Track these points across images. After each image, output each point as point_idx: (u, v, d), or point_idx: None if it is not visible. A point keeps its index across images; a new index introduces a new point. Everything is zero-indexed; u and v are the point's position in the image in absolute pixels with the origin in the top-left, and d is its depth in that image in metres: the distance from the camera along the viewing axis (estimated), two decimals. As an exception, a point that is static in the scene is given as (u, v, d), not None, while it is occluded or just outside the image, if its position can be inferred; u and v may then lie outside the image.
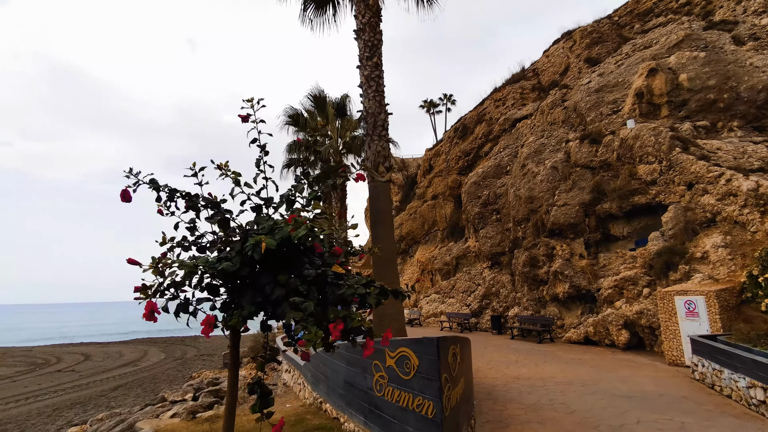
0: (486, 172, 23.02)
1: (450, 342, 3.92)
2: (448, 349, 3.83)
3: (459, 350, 4.26)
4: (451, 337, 4.07)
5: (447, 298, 22.45)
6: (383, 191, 7.79)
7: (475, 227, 22.05)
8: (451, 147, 30.97)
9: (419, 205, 32.21)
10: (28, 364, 18.77)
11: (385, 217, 7.75)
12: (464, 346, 4.74)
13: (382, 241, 7.70)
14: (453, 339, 4.07)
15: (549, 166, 17.21)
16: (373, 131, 7.94)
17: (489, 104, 28.49)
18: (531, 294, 16.44)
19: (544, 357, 11.23)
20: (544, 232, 16.33)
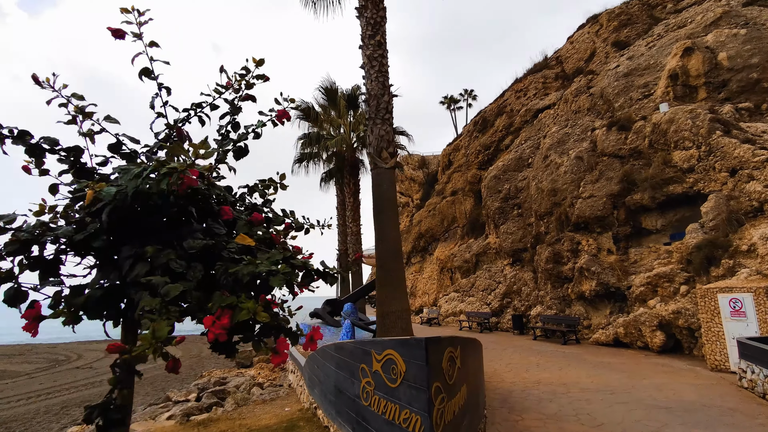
0: (506, 165, 22.04)
1: (445, 344, 3.27)
2: (443, 352, 3.18)
3: (459, 353, 3.60)
4: (447, 338, 3.41)
5: (466, 296, 21.60)
6: (387, 178, 7.18)
7: (496, 223, 21.11)
8: (470, 141, 30.00)
9: (438, 201, 31.37)
10: (50, 360, 19.09)
11: (389, 205, 7.13)
12: (468, 347, 4.07)
13: (386, 231, 7.08)
14: (450, 340, 3.42)
15: (573, 157, 16.16)
16: (376, 114, 7.33)
17: (509, 96, 27.39)
18: (555, 292, 15.46)
19: (569, 360, 10.35)
20: (568, 226, 15.32)
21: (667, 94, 14.62)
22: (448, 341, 3.32)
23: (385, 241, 7.11)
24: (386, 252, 7.07)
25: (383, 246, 7.12)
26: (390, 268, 7.02)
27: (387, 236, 7.11)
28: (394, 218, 7.22)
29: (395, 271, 7.03)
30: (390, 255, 7.06)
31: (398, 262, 7.11)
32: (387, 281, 6.98)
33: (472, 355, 4.37)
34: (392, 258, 7.05)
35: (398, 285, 6.97)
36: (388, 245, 7.10)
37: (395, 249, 7.14)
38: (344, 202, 17.40)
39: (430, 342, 2.90)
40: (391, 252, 7.08)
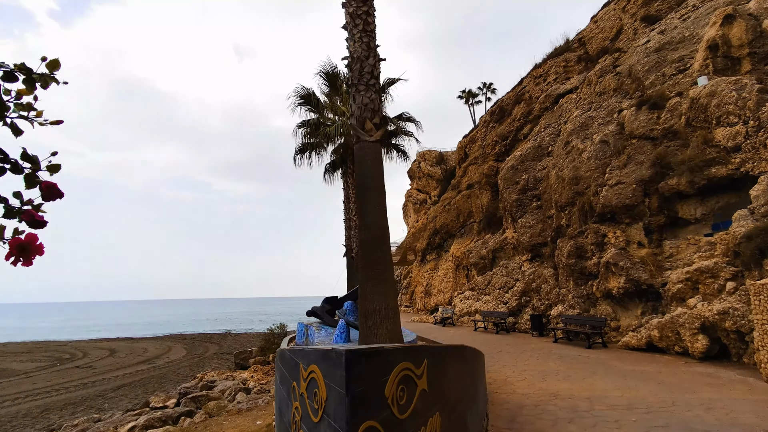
0: (524, 155, 20.57)
1: (394, 356, 2.17)
2: (387, 371, 2.08)
3: (426, 370, 2.48)
4: (404, 348, 2.31)
5: (482, 295, 20.27)
6: (371, 153, 6.10)
7: (513, 216, 19.70)
8: (487, 132, 28.53)
9: (453, 195, 30.00)
10: (54, 359, 18.83)
11: (374, 183, 6.05)
12: (447, 359, 2.95)
13: (370, 214, 6.00)
14: (405, 350, 2.31)
15: (598, 141, 14.65)
16: (359, 80, 6.26)
17: (528, 82, 25.81)
18: (578, 290, 14.02)
19: (594, 367, 9.00)
20: (592, 217, 13.85)
21: (705, 67, 12.98)
22: (399, 352, 2.21)
23: (369, 226, 6.04)
24: (370, 239, 5.99)
25: (367, 232, 6.04)
26: (374, 259, 5.94)
27: (371, 220, 6.02)
28: (380, 199, 6.14)
29: (380, 261, 5.94)
30: (374, 242, 5.98)
31: (384, 252, 6.02)
32: (370, 274, 5.91)
33: (456, 369, 3.23)
34: (377, 246, 5.97)
35: (384, 279, 5.89)
36: (373, 231, 6.01)
37: (381, 236, 6.05)
38: (349, 195, 16.38)
39: (354, 355, 1.80)
40: (376, 239, 6.00)
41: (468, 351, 3.72)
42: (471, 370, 3.79)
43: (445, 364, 2.88)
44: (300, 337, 12.13)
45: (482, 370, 4.70)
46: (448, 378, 2.94)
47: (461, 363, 3.40)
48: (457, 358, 3.25)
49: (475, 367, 4.07)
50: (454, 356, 3.22)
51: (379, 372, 2.00)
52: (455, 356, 3.23)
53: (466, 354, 3.65)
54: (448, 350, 3.04)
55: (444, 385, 2.87)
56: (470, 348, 3.87)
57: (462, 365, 3.45)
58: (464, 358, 3.51)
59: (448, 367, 2.98)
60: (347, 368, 1.78)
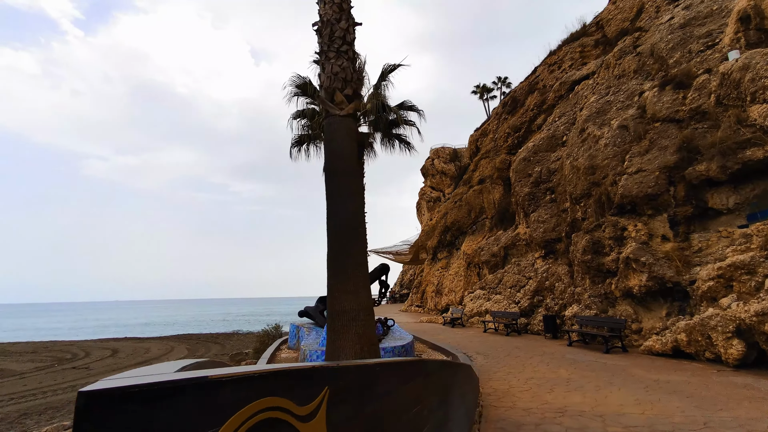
0: (537, 145, 19.40)
1: (244, 388, 1.30)
2: (222, 419, 1.21)
3: (327, 404, 1.63)
4: (265, 373, 1.45)
5: (493, 294, 19.20)
6: (341, 129, 5.27)
7: (526, 211, 18.57)
8: (499, 124, 27.35)
9: (465, 191, 28.88)
10: (55, 358, 18.63)
11: (345, 165, 5.23)
12: (386, 381, 2.09)
13: (339, 201, 5.17)
14: (274, 376, 1.46)
15: (616, 126, 13.46)
16: (329, 46, 5.44)
17: (542, 71, 24.53)
18: (594, 288, 12.87)
19: (612, 375, 7.95)
20: (610, 209, 12.69)
21: (736, 41, 11.67)
22: (250, 383, 1.35)
23: (338, 213, 5.21)
24: (339, 228, 5.16)
25: (335, 220, 5.21)
26: (343, 251, 5.10)
27: (340, 208, 5.19)
28: (352, 184, 5.30)
29: (350, 254, 5.10)
30: (343, 233, 5.15)
31: (355, 243, 5.18)
32: (338, 269, 5.09)
33: (405, 394, 2.36)
34: (346, 237, 5.13)
35: (354, 274, 5.06)
36: (342, 219, 5.18)
37: (351, 225, 5.21)
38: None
39: (97, 399, 0.95)
40: (346, 229, 5.17)
41: (431, 365, 2.83)
42: (437, 390, 2.91)
43: (373, 391, 2.00)
44: (292, 339, 11.40)
45: (463, 385, 3.80)
46: (380, 410, 2.07)
47: (415, 384, 2.51)
48: (405, 378, 2.37)
49: (447, 384, 3.19)
50: (401, 375, 2.34)
51: (190, 424, 1.15)
52: (403, 375, 2.35)
53: (428, 369, 2.76)
54: (386, 368, 2.17)
55: (373, 423, 2.00)
56: (435, 362, 2.99)
57: (419, 386, 2.56)
58: (422, 374, 2.63)
59: (383, 394, 2.10)
60: (76, 425, 0.94)
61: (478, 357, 10.64)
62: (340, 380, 1.73)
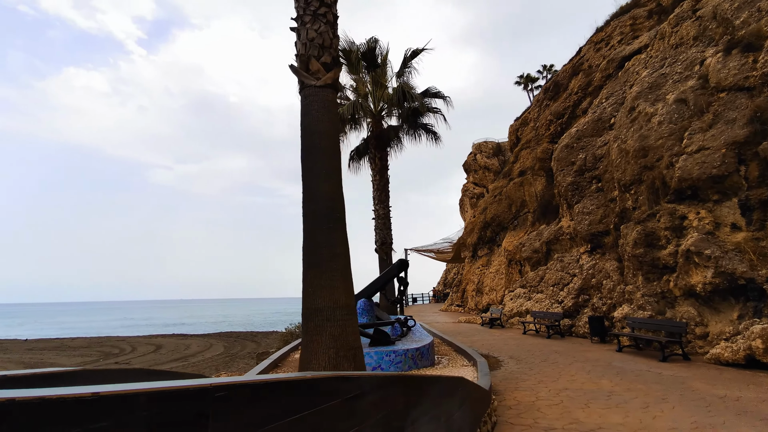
0: (582, 131, 17.71)
1: None
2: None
3: None
4: None
5: (534, 292, 17.77)
6: (318, 101, 4.59)
7: (569, 202, 16.99)
8: (540, 111, 25.54)
9: (504, 184, 27.28)
10: (103, 354, 19.58)
11: (322, 141, 4.53)
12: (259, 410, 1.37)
13: (315, 184, 4.49)
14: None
15: (673, 101, 11.77)
16: (305, 9, 4.77)
17: (587, 50, 22.54)
18: (649, 286, 11.30)
19: (666, 389, 6.67)
20: (666, 195, 11.08)
21: (825, -12, 9.70)
22: None
23: (314, 197, 4.53)
24: (315, 215, 4.48)
25: (310, 205, 4.53)
26: (317, 240, 4.42)
27: (317, 191, 4.51)
28: (330, 164, 4.60)
29: (325, 243, 4.40)
30: (320, 220, 4.46)
31: (331, 231, 4.46)
32: (313, 260, 4.41)
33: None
34: (323, 224, 4.44)
35: (330, 266, 4.36)
36: (318, 204, 4.50)
37: (329, 211, 4.50)
38: (373, 181, 14.91)
39: None
40: (322, 215, 4.47)
41: (368, 382, 2.07)
42: (380, 415, 2.14)
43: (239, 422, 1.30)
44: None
45: (443, 404, 2.98)
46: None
47: (328, 409, 1.77)
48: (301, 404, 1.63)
49: (403, 404, 2.40)
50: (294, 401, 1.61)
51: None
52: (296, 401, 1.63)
53: (356, 388, 2.00)
54: (263, 390, 1.46)
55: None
56: (377, 378, 2.22)
57: (335, 412, 1.82)
58: (338, 396, 1.87)
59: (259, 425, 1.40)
60: None
61: (509, 362, 9.58)
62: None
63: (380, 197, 14.24)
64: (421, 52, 13.92)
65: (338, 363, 4.08)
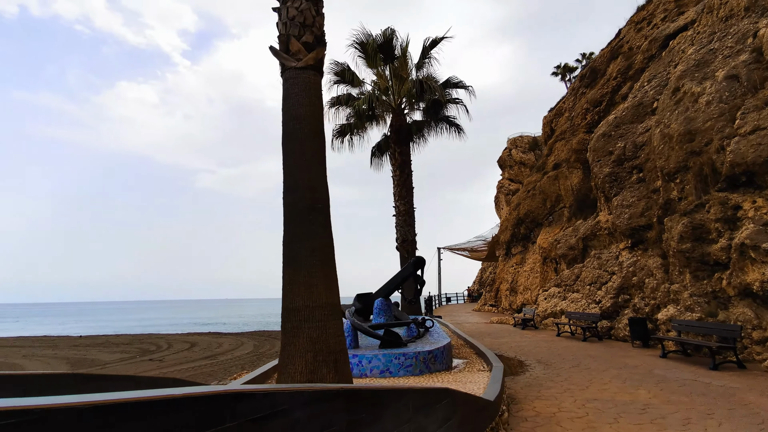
0: (620, 117, 16.43)
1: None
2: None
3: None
4: None
5: (569, 292, 16.69)
6: (300, 84, 4.22)
7: (607, 195, 15.80)
8: (576, 100, 24.10)
9: (538, 178, 25.98)
10: (141, 350, 20.36)
11: (303, 127, 4.16)
12: None
13: (296, 173, 4.13)
14: None
15: (723, 78, 10.55)
16: (287, -14, 4.44)
17: (627, 31, 21.00)
18: (697, 285, 10.17)
19: (713, 402, 5.82)
20: (716, 183, 9.92)
21: None
22: None
23: (294, 186, 4.17)
24: (294, 206, 4.12)
25: (290, 195, 4.17)
26: (297, 233, 4.05)
27: (297, 180, 4.14)
28: (311, 151, 4.22)
29: (305, 236, 4.03)
30: (299, 211, 4.09)
31: (311, 223, 4.07)
32: (291, 255, 4.05)
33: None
34: (302, 215, 4.06)
35: (309, 262, 3.98)
36: (298, 194, 4.13)
37: (309, 202, 4.12)
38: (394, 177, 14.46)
39: None
40: (302, 207, 4.10)
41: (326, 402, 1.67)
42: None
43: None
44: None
45: (423, 423, 2.52)
46: None
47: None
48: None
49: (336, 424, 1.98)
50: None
51: None
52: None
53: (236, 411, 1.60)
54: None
55: None
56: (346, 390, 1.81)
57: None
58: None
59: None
60: None
61: (536, 367, 8.86)
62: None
63: (401, 193, 13.76)
64: (440, 41, 13.32)
65: (316, 368, 3.71)
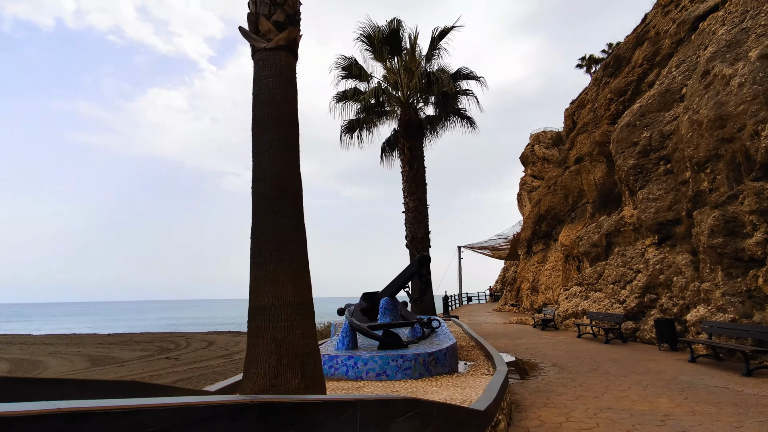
0: (646, 106, 15.48)
1: None
2: None
3: None
4: None
5: (591, 291, 15.87)
6: (270, 66, 3.90)
7: (631, 188, 14.92)
8: (599, 91, 23.00)
9: (560, 173, 24.99)
10: (160, 348, 20.70)
11: (273, 112, 3.83)
12: None
13: (265, 161, 3.81)
14: None
15: (756, 57, 9.67)
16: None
17: (654, 15, 19.85)
18: (731, 284, 9.33)
19: (743, 413, 5.20)
20: (750, 171, 9.08)
21: None
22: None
23: (262, 176, 3.85)
24: (262, 197, 3.80)
25: (258, 186, 3.86)
26: (264, 226, 3.73)
27: (265, 169, 3.82)
28: (282, 137, 3.88)
29: (272, 230, 3.70)
30: (267, 203, 3.77)
31: (279, 216, 3.73)
32: (256, 247, 3.74)
33: None
34: (269, 205, 3.74)
35: (274, 256, 3.65)
36: (265, 185, 3.80)
37: (277, 192, 3.78)
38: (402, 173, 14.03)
39: None
40: (269, 197, 3.77)
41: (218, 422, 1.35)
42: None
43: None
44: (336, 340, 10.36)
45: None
46: None
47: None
48: None
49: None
50: None
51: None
52: None
53: None
54: None
55: None
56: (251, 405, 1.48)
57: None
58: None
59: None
60: None
61: (550, 370, 8.31)
62: None
63: (410, 189, 13.31)
64: (449, 31, 12.81)
65: (280, 373, 3.38)
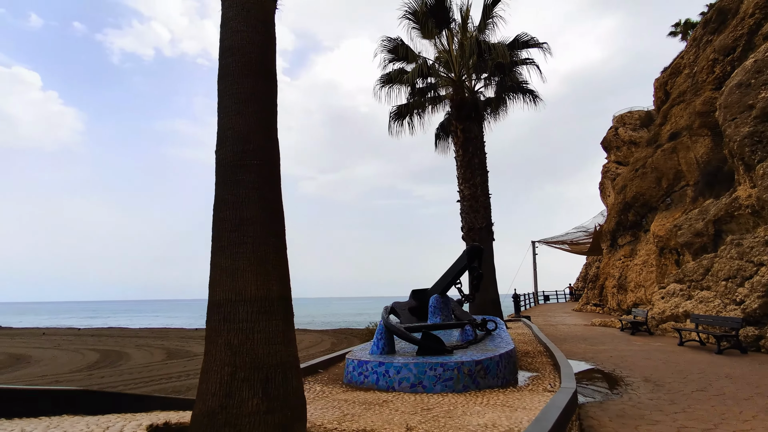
0: (763, 60, 12.57)
1: None
2: None
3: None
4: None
5: (696, 289, 13.21)
6: (237, 7, 3.08)
7: (747, 162, 12.12)
8: (698, 52, 19.45)
9: (650, 153, 21.59)
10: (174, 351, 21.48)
11: (239, 60, 2.97)
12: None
13: (230, 119, 2.98)
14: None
15: None
16: None
17: (769, -47, 16.13)
18: None
19: None
20: None
21: None
22: None
23: (226, 138, 3.01)
24: (222, 164, 2.96)
25: (220, 151, 3.02)
26: (224, 200, 2.89)
27: (227, 129, 2.98)
28: (248, 90, 3.00)
29: (231, 205, 2.84)
30: (227, 170, 2.92)
31: (239, 186, 2.85)
32: (219, 230, 2.92)
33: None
34: (229, 176, 2.89)
35: (233, 240, 2.79)
36: (226, 148, 2.95)
37: (238, 156, 2.89)
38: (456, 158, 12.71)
39: None
40: (229, 163, 2.91)
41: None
42: None
43: None
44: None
45: None
46: None
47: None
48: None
49: None
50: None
51: None
52: None
53: None
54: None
55: None
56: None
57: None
58: None
59: None
60: None
61: (641, 387, 6.63)
62: None
63: (464, 175, 11.92)
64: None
65: (233, 391, 2.51)
